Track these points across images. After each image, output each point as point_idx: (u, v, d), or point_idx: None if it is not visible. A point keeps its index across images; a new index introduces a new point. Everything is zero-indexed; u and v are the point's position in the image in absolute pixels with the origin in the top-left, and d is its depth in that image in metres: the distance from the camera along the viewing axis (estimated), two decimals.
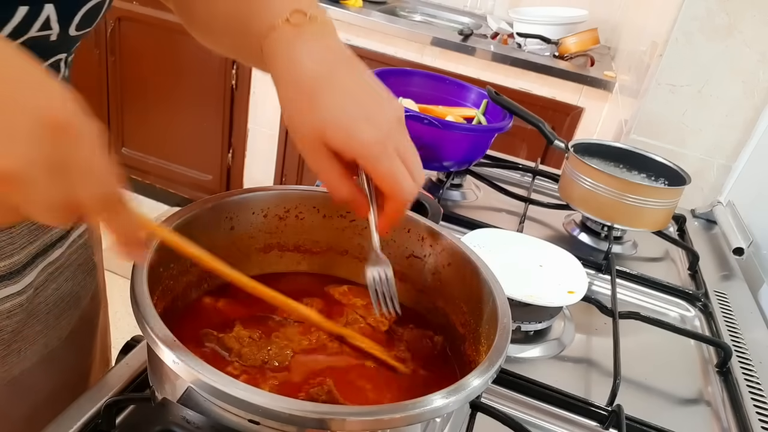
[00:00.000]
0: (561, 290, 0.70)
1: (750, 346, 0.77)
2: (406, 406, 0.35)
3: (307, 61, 0.44)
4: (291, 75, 0.44)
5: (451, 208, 0.99)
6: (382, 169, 0.43)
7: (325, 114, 0.43)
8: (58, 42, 0.45)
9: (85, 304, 0.63)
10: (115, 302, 0.76)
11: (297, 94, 0.44)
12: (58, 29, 0.43)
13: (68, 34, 0.45)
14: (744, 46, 1.16)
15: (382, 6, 2.31)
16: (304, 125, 0.43)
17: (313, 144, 0.43)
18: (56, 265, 0.56)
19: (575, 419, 0.60)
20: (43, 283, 0.55)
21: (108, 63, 2.38)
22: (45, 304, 0.56)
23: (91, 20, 0.47)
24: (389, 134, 0.43)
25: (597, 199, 0.91)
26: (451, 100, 1.07)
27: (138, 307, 0.38)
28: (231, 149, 2.42)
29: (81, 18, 0.45)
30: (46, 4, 0.41)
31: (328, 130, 0.42)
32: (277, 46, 0.45)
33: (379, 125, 0.43)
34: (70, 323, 0.60)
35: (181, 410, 0.34)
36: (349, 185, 0.45)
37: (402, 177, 0.43)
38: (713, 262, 0.99)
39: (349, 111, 0.43)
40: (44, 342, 0.57)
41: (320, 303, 0.54)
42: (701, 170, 1.25)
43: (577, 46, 1.98)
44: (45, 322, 0.56)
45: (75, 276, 0.60)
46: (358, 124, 0.42)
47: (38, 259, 0.54)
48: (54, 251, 0.56)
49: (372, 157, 0.42)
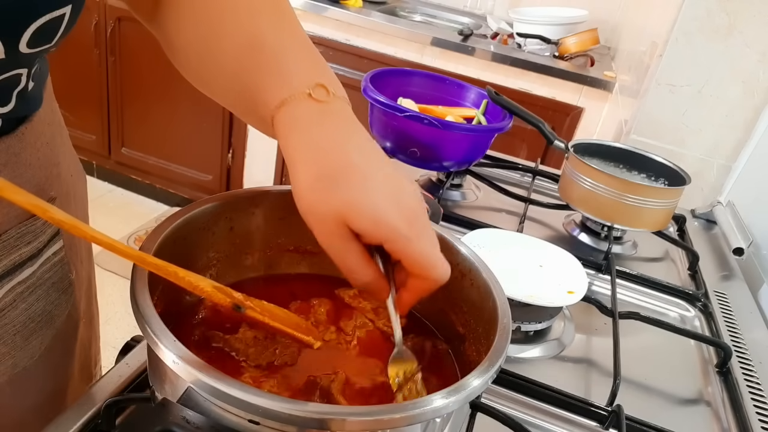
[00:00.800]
0: (561, 290, 0.70)
1: (750, 347, 0.77)
2: (406, 406, 0.35)
3: (330, 143, 0.42)
4: (311, 155, 0.42)
5: (451, 208, 0.99)
6: (414, 252, 0.41)
7: (350, 196, 0.40)
8: (8, 60, 0.42)
9: (59, 323, 0.59)
10: (115, 302, 0.75)
11: (317, 174, 0.41)
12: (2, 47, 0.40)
13: (20, 52, 0.42)
14: (744, 47, 1.16)
15: (382, 6, 2.31)
16: (324, 205, 0.40)
17: (334, 226, 0.40)
18: (26, 285, 0.53)
19: (575, 419, 0.60)
20: (11, 303, 0.52)
21: (108, 63, 2.39)
22: (12, 325, 0.53)
23: (49, 37, 0.43)
24: (414, 214, 0.41)
25: (597, 199, 0.91)
26: (451, 100, 1.07)
27: (138, 307, 0.38)
28: (231, 149, 2.42)
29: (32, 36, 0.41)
30: None
31: (353, 212, 0.40)
32: (295, 123, 0.43)
33: (407, 209, 0.41)
34: (42, 342, 0.57)
35: (181, 410, 0.34)
36: (374, 268, 0.43)
37: (436, 258, 0.41)
38: (713, 262, 0.99)
39: (376, 194, 0.40)
40: (12, 363, 0.54)
41: (329, 304, 0.54)
42: (701, 170, 1.25)
43: (577, 46, 1.98)
44: (12, 344, 0.53)
45: (48, 295, 0.56)
46: (387, 206, 0.40)
47: (5, 279, 0.51)
48: (24, 270, 0.52)
49: (403, 240, 0.40)
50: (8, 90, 0.46)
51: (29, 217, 0.51)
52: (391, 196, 0.41)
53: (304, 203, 0.41)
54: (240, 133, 2.37)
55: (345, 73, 2.08)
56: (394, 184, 0.42)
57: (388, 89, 0.96)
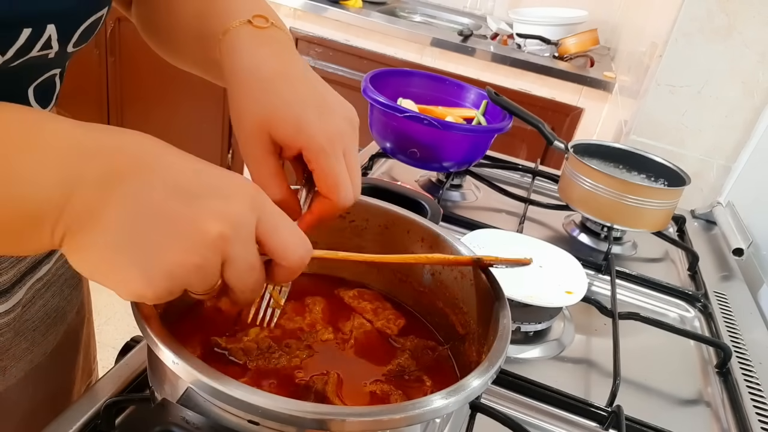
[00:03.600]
0: (560, 291, 0.70)
1: (750, 347, 0.77)
2: (405, 407, 0.35)
3: (265, 57, 0.43)
4: (247, 67, 0.43)
5: (451, 208, 0.99)
6: (326, 166, 0.41)
7: (276, 103, 0.41)
8: (55, 59, 0.45)
9: (71, 318, 0.62)
10: (115, 302, 0.76)
11: (249, 84, 0.42)
12: (57, 47, 0.43)
13: (66, 51, 0.45)
14: (744, 47, 1.16)
15: (382, 6, 2.31)
16: (251, 113, 0.42)
17: (256, 134, 0.42)
18: (44, 281, 0.56)
19: (575, 420, 0.60)
20: (30, 299, 0.54)
21: (108, 63, 2.39)
22: (32, 320, 0.55)
23: (88, 36, 0.47)
24: (339, 133, 0.42)
25: (597, 199, 0.91)
26: (450, 100, 1.07)
27: (138, 307, 0.38)
28: (231, 150, 2.42)
29: (79, 36, 0.45)
30: (48, 25, 0.40)
31: (276, 119, 0.41)
32: (236, 42, 0.45)
33: (330, 122, 0.42)
34: (56, 338, 0.59)
35: (180, 411, 0.34)
36: (285, 187, 0.43)
37: (343, 180, 0.42)
38: (713, 262, 0.99)
39: (301, 104, 0.41)
40: (30, 358, 0.56)
41: (323, 302, 0.54)
42: (701, 171, 1.25)
43: (576, 46, 1.98)
44: (32, 339, 0.56)
45: (62, 291, 0.59)
46: (309, 116, 0.41)
47: (27, 276, 0.53)
48: (42, 267, 0.55)
49: (318, 152, 0.41)
50: (50, 91, 0.50)
51: None
52: (317, 111, 0.42)
53: (233, 114, 0.43)
54: None
55: (345, 74, 2.08)
56: (322, 98, 0.43)
57: (387, 90, 0.96)
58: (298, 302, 0.54)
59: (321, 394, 0.43)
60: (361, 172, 0.45)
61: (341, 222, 0.57)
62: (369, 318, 0.54)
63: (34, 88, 0.47)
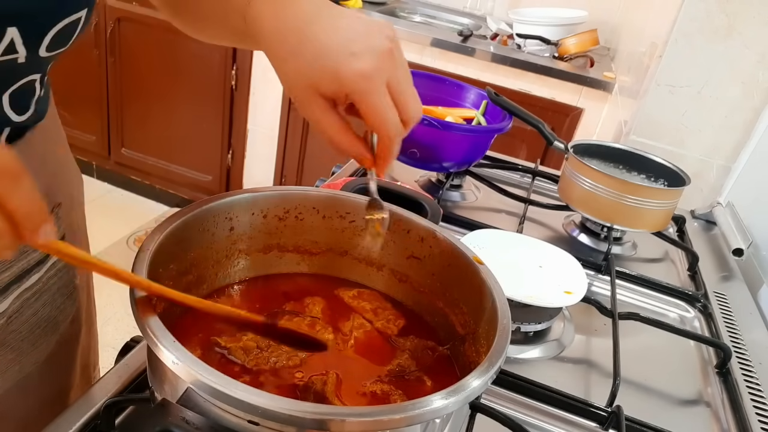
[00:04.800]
0: (560, 291, 0.70)
1: (749, 347, 0.77)
2: (405, 407, 0.35)
3: (290, 12, 0.43)
4: (277, 29, 0.43)
5: (451, 208, 0.99)
6: (368, 105, 0.41)
7: (311, 59, 0.42)
8: (27, 64, 0.43)
9: (64, 328, 0.60)
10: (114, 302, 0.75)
11: (283, 46, 0.43)
12: (25, 52, 0.42)
13: (39, 56, 0.44)
14: (743, 47, 1.16)
15: (382, 7, 2.31)
16: (294, 75, 0.42)
17: (307, 95, 0.42)
18: (33, 291, 0.54)
19: (575, 420, 0.60)
20: (18, 309, 0.53)
21: (108, 63, 2.39)
22: (18, 332, 0.54)
23: (64, 40, 0.45)
24: (376, 68, 0.41)
25: (596, 199, 0.91)
26: (450, 101, 1.07)
27: (138, 307, 0.38)
28: (231, 150, 2.42)
29: (52, 39, 0.43)
30: (8, 28, 0.39)
31: (316, 76, 0.41)
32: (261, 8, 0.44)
33: (365, 59, 0.41)
34: (47, 348, 0.58)
35: (180, 411, 0.34)
36: (353, 136, 0.44)
37: (385, 113, 0.42)
38: (713, 263, 0.99)
39: (334, 50, 0.41)
40: (18, 368, 0.55)
41: (322, 302, 0.54)
42: (701, 171, 1.25)
43: (576, 47, 1.98)
44: (19, 350, 0.54)
45: (54, 300, 0.57)
46: (344, 61, 0.41)
47: (13, 285, 0.51)
48: (31, 276, 0.53)
49: (360, 92, 0.41)
50: (28, 98, 0.48)
51: None
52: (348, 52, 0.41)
53: (285, 85, 0.44)
54: (240, 133, 2.37)
55: None
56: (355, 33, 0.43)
57: None
58: (298, 302, 0.54)
59: (320, 395, 0.43)
60: (414, 92, 0.45)
61: (342, 222, 0.57)
62: (369, 318, 0.54)
63: (10, 95, 0.45)
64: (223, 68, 2.23)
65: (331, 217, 0.57)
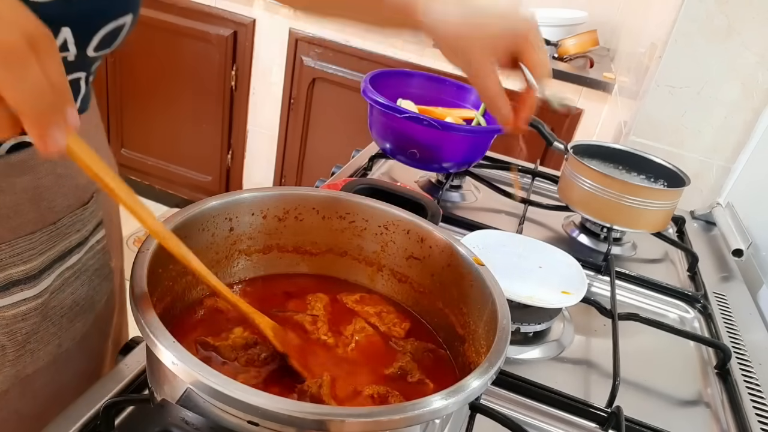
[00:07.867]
0: (560, 292, 0.70)
1: (749, 348, 0.77)
2: (405, 408, 0.35)
3: None
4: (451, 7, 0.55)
5: (451, 209, 0.99)
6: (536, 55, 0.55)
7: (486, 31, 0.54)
8: (76, 62, 0.47)
9: (99, 308, 0.64)
10: None
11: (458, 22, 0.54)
12: (75, 51, 0.45)
13: (87, 55, 0.47)
14: (743, 48, 1.16)
15: None
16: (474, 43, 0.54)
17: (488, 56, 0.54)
18: (73, 270, 0.58)
19: (575, 421, 0.60)
20: (59, 287, 0.56)
21: (108, 63, 2.38)
22: (60, 307, 0.57)
23: (110, 42, 0.49)
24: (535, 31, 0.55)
25: (596, 200, 0.91)
26: (450, 101, 1.07)
27: (137, 308, 0.38)
28: (230, 150, 2.42)
29: (99, 41, 0.47)
30: (63, 27, 0.43)
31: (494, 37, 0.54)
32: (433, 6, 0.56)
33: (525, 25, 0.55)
34: (84, 326, 0.61)
35: (180, 411, 0.34)
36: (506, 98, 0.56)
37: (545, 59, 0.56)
38: (712, 263, 0.99)
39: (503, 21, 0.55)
40: (57, 343, 0.58)
41: (324, 299, 0.54)
42: (700, 172, 1.25)
43: (576, 47, 1.98)
44: (59, 325, 0.58)
45: (91, 281, 0.61)
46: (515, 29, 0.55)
47: (56, 264, 0.55)
48: (72, 256, 0.57)
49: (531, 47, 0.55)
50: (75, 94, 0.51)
51: (81, 205, 0.56)
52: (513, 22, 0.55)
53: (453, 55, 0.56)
54: (239, 134, 2.37)
55: (345, 74, 2.08)
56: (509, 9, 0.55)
57: (387, 90, 0.96)
58: (300, 300, 0.54)
59: (316, 398, 0.43)
60: (545, 53, 0.57)
61: (341, 223, 0.57)
62: (373, 322, 0.53)
63: None
64: (223, 68, 2.23)
65: (331, 218, 0.57)
